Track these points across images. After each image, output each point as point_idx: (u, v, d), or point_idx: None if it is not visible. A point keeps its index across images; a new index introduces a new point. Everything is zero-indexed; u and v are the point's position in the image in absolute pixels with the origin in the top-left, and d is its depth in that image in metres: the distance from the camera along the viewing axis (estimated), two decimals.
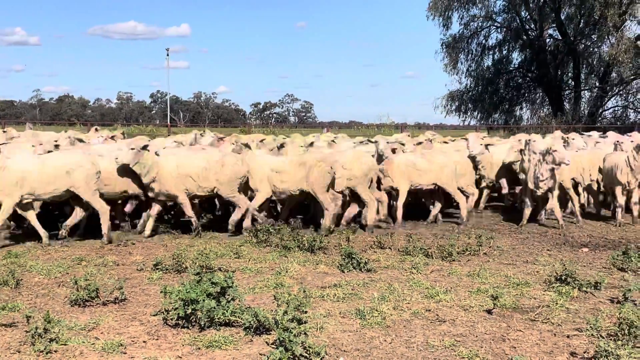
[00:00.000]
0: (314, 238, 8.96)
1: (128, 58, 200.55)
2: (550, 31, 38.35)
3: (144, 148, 9.58)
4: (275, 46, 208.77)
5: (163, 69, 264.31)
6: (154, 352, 5.16)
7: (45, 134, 13.81)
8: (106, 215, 9.42)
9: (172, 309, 5.67)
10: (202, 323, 5.58)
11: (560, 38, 37.47)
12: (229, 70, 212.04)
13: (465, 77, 39.32)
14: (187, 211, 9.92)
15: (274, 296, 5.99)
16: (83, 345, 5.27)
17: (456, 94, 39.63)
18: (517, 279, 7.48)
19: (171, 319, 5.71)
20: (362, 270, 7.76)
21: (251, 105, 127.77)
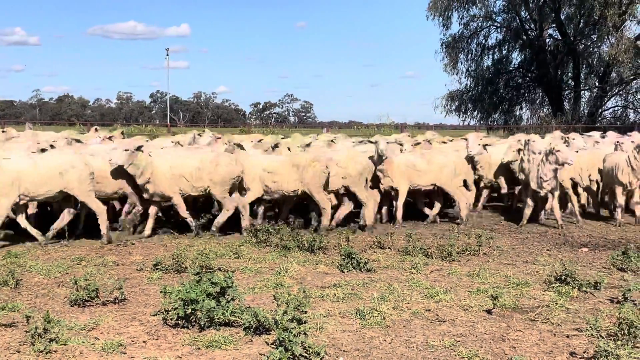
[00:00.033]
0: (314, 238, 8.96)
1: (128, 58, 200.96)
2: (550, 31, 38.37)
3: (138, 149, 9.54)
4: (275, 46, 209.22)
5: (163, 69, 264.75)
6: (153, 352, 5.16)
7: (44, 134, 13.81)
8: (104, 215, 9.41)
9: (172, 309, 5.67)
10: (202, 323, 5.58)
11: (560, 38, 37.48)
12: (228, 70, 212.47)
13: (465, 77, 39.40)
14: (182, 212, 9.89)
15: (274, 296, 5.99)
16: (83, 345, 5.27)
17: (456, 94, 39.64)
18: (517, 279, 7.48)
19: (171, 319, 5.71)
20: (362, 270, 7.76)
21: (251, 105, 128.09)
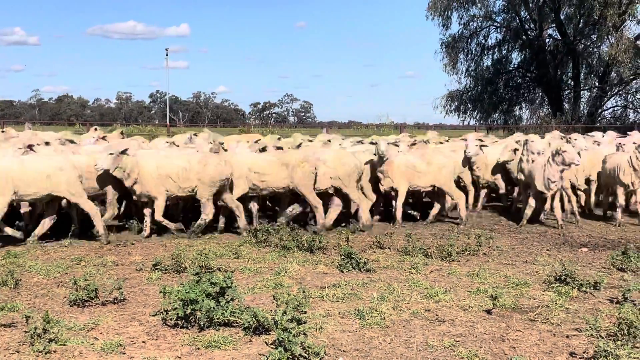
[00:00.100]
0: (313, 238, 8.96)
1: (127, 58, 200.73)
2: (549, 31, 38.32)
3: (123, 152, 9.47)
4: (274, 46, 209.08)
5: (162, 69, 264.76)
6: (153, 353, 5.16)
7: (44, 134, 13.78)
8: (98, 215, 9.39)
9: (172, 309, 5.67)
10: (202, 323, 5.57)
11: (559, 38, 37.44)
12: (228, 70, 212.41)
13: (464, 77, 39.31)
14: (157, 215, 9.67)
15: (273, 296, 5.98)
16: (82, 346, 5.26)
17: (455, 93, 39.60)
18: (517, 279, 7.48)
19: (170, 319, 5.71)
20: (362, 271, 7.76)
21: (250, 105, 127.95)
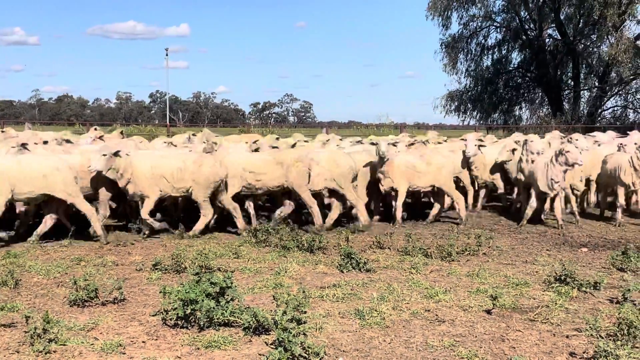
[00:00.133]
0: (313, 238, 8.96)
1: (127, 58, 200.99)
2: (549, 31, 38.29)
3: (116, 154, 9.44)
4: (274, 46, 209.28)
5: (162, 69, 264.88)
6: (153, 353, 5.15)
7: (44, 134, 13.79)
8: (94, 215, 9.39)
9: (171, 309, 5.67)
10: (202, 323, 5.57)
11: (559, 38, 37.43)
12: (228, 70, 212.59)
13: (464, 77, 39.27)
14: (144, 213, 9.62)
15: (273, 296, 5.98)
16: (82, 346, 5.26)
17: (455, 93, 39.58)
18: (517, 279, 7.48)
19: (170, 319, 5.71)
20: (362, 271, 7.75)
21: (250, 105, 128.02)
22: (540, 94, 39.82)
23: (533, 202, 11.16)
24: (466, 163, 12.58)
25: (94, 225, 9.35)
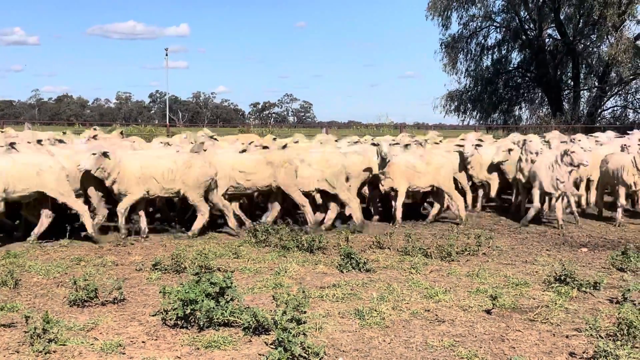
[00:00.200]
0: (313, 238, 8.96)
1: (127, 58, 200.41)
2: (549, 31, 38.29)
3: (104, 155, 9.38)
4: (274, 46, 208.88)
5: (162, 68, 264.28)
6: (152, 353, 5.15)
7: (43, 134, 13.79)
8: (87, 214, 9.37)
9: (171, 309, 5.67)
10: (201, 323, 5.57)
11: (559, 38, 37.43)
12: (228, 70, 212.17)
13: (464, 77, 39.26)
14: (120, 206, 9.53)
15: (273, 296, 5.98)
16: (82, 346, 5.26)
17: (455, 93, 39.58)
18: (516, 279, 7.48)
19: (170, 319, 5.71)
20: (361, 271, 7.76)
21: (250, 105, 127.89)
22: (540, 94, 39.82)
23: (537, 202, 11.14)
24: (463, 164, 12.57)
25: (87, 225, 9.33)
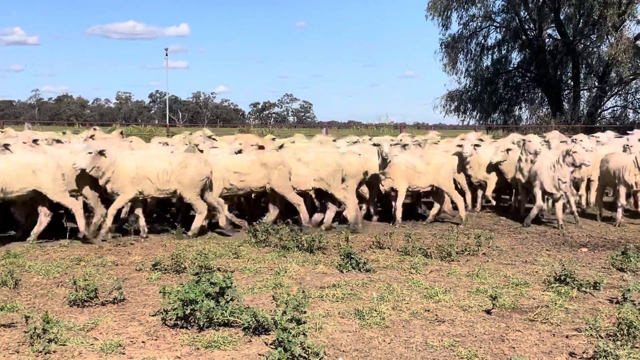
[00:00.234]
0: (313, 238, 8.96)
1: (127, 58, 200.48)
2: (549, 31, 38.30)
3: (101, 153, 9.38)
4: (274, 46, 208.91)
5: (162, 68, 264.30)
6: (152, 353, 5.15)
7: (43, 134, 13.79)
8: (80, 212, 9.37)
9: (171, 309, 5.67)
10: (201, 323, 5.57)
11: (559, 38, 37.44)
12: (228, 70, 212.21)
13: (464, 77, 39.27)
14: (112, 207, 9.51)
15: (273, 296, 5.98)
16: (82, 346, 5.26)
17: (455, 93, 39.59)
18: (516, 279, 7.48)
19: (170, 319, 5.71)
20: (361, 271, 7.76)
21: (250, 105, 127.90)
22: (540, 94, 39.83)
23: (539, 202, 11.13)
24: (462, 164, 12.54)
25: (79, 223, 9.32)
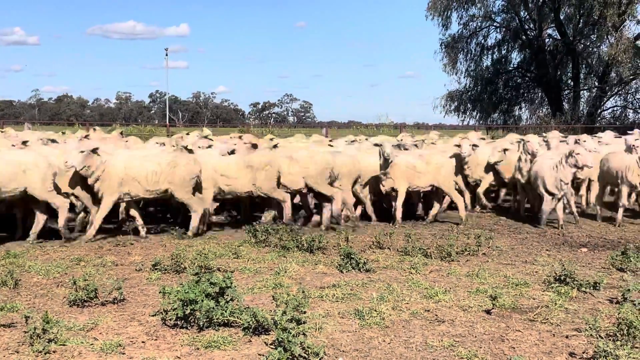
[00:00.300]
0: (313, 238, 8.95)
1: (127, 58, 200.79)
2: (549, 31, 38.31)
3: (94, 151, 9.36)
4: (274, 46, 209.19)
5: (162, 68, 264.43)
6: (152, 353, 5.15)
7: (43, 135, 13.79)
8: (65, 210, 9.34)
9: (171, 309, 5.67)
10: (201, 323, 5.57)
11: (559, 38, 37.44)
12: (228, 70, 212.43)
13: (464, 77, 39.27)
14: (99, 213, 9.48)
15: (273, 296, 5.97)
16: (82, 346, 5.26)
17: (455, 93, 39.59)
18: (516, 279, 7.48)
19: (170, 320, 5.71)
20: (361, 271, 7.75)
21: (250, 105, 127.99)
22: (540, 94, 39.83)
23: (548, 201, 11.07)
24: (460, 165, 12.46)
25: (60, 220, 9.27)
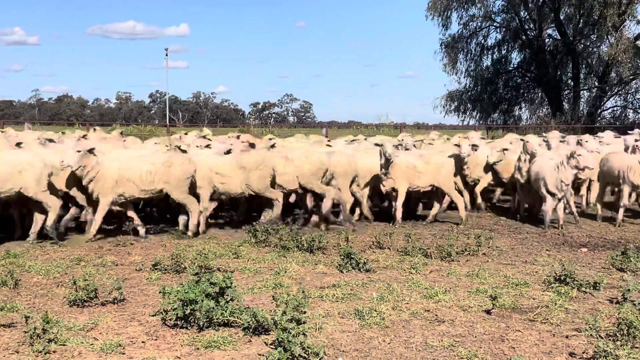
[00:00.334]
0: (313, 238, 8.95)
1: (127, 58, 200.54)
2: (549, 31, 38.35)
3: (90, 151, 9.35)
4: (274, 46, 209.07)
5: (162, 68, 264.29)
6: (152, 353, 5.15)
7: (42, 134, 13.78)
8: (56, 210, 9.29)
9: (171, 309, 5.67)
10: (201, 323, 5.57)
11: (559, 38, 37.47)
12: (228, 70, 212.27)
13: (464, 77, 39.33)
14: (98, 213, 9.48)
15: (273, 296, 5.97)
16: (82, 346, 5.26)
17: (455, 93, 39.63)
18: (516, 279, 7.48)
19: (170, 320, 5.71)
20: (361, 271, 7.75)
21: (250, 105, 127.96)
22: (540, 94, 39.86)
23: (549, 201, 11.06)
24: (459, 165, 12.46)
25: (49, 219, 9.22)
